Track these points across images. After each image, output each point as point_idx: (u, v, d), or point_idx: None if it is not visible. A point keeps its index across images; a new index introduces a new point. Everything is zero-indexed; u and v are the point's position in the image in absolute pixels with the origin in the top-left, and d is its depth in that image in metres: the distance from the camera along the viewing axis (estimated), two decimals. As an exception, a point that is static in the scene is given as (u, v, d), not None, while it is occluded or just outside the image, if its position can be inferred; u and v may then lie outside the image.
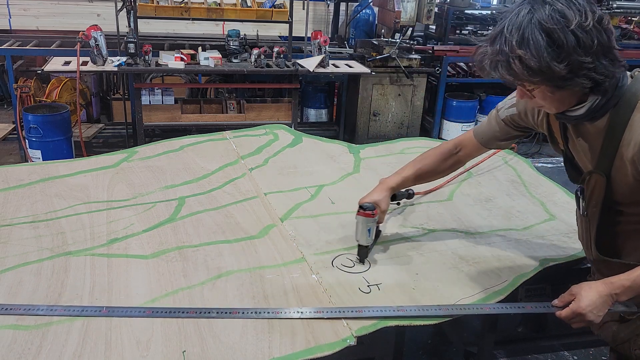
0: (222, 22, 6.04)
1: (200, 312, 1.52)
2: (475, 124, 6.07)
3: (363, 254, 1.82)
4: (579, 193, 1.56)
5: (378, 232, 1.92)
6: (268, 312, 1.53)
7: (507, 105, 1.71)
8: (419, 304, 1.60)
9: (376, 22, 6.47)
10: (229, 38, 4.98)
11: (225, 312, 1.53)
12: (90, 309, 1.52)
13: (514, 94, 1.55)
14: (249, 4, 5.22)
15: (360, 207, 1.80)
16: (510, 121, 1.72)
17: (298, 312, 1.54)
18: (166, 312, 1.51)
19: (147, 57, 4.67)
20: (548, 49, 1.22)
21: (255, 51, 4.86)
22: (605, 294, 1.45)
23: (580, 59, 1.24)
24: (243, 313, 1.53)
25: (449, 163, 1.90)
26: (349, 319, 1.51)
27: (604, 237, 1.55)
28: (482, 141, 1.82)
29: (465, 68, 6.19)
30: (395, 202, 2.02)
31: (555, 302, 1.54)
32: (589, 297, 1.45)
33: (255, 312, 1.53)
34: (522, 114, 1.67)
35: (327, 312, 1.54)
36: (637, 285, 1.43)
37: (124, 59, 4.69)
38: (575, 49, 1.22)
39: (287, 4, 5.09)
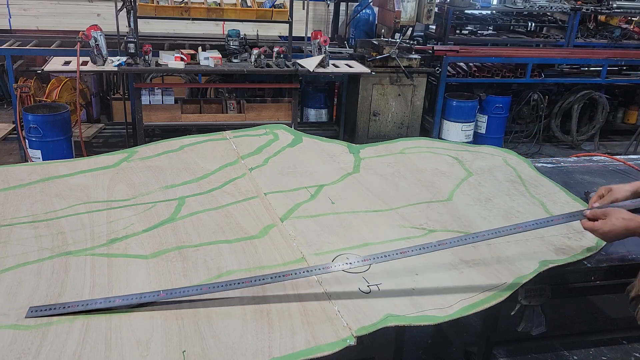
0: (222, 22, 6.05)
1: (256, 280, 1.59)
2: (475, 124, 6.08)
3: None
4: None
5: None
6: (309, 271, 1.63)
7: None
8: (419, 304, 1.60)
9: (376, 22, 6.47)
10: (229, 38, 4.99)
11: (278, 276, 1.61)
12: (148, 295, 1.55)
13: None
14: (249, 4, 5.22)
15: None
16: None
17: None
18: (223, 286, 1.57)
19: (147, 57, 4.67)
20: None
21: (255, 51, 4.86)
22: (631, 229, 1.59)
23: None
24: (296, 273, 1.62)
25: None
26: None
27: None
28: None
29: (465, 68, 6.19)
30: None
31: (587, 213, 1.68)
32: (615, 226, 1.60)
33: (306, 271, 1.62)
34: None
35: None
36: None
37: (124, 58, 4.69)
38: None
39: (287, 4, 5.09)
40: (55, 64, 4.67)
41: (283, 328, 1.48)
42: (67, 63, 4.67)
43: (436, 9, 5.99)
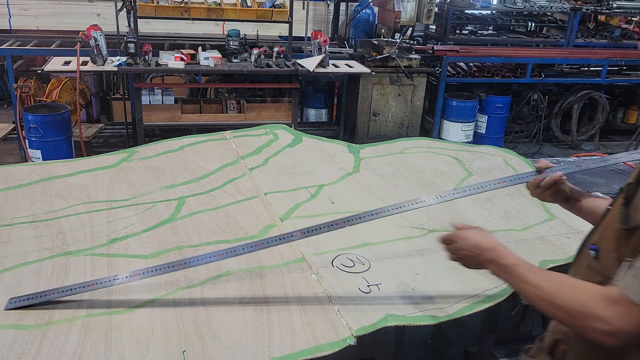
0: (222, 22, 6.04)
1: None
2: (475, 124, 6.08)
3: None
4: None
5: None
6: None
7: None
8: (419, 304, 1.60)
9: (376, 22, 6.47)
10: (229, 38, 4.98)
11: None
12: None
13: None
14: (249, 4, 5.22)
15: None
16: None
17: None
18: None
19: (147, 57, 4.67)
20: None
21: (255, 51, 4.86)
22: (485, 248, 1.32)
23: None
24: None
25: None
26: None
27: None
28: None
29: (465, 68, 6.19)
30: None
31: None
32: (472, 238, 1.37)
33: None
34: None
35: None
36: (514, 273, 1.24)
37: (124, 58, 4.69)
38: None
39: (287, 4, 5.09)
40: (55, 64, 4.67)
41: (283, 328, 1.48)
42: (67, 63, 4.66)
43: (436, 9, 5.98)
